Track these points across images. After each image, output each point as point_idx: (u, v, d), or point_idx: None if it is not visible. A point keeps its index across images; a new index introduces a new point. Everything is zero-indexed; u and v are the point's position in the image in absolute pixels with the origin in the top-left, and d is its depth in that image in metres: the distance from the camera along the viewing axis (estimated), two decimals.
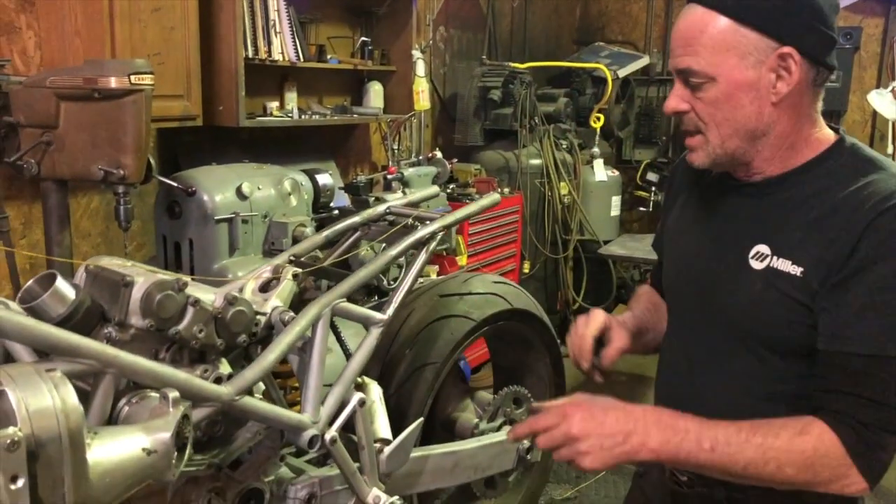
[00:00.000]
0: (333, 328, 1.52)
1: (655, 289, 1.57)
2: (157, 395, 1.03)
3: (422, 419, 1.47)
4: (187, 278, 1.35)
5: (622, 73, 5.62)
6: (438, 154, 4.45)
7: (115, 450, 0.95)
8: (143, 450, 0.96)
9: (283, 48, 3.53)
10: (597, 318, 1.43)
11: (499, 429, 1.75)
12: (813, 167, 1.24)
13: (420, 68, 4.26)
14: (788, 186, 1.24)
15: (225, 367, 1.24)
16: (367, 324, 1.43)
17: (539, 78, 5.55)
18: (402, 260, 3.36)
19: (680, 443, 1.13)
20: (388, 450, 1.40)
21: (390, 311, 1.44)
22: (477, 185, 4.64)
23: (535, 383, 1.90)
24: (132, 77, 2.28)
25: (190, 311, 1.16)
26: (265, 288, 1.41)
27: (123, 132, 2.34)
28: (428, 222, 1.56)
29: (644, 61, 5.99)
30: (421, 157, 4.19)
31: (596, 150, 5.29)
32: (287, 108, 3.71)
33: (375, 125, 4.51)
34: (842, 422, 1.12)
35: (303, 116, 3.67)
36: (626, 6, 6.47)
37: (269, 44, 3.45)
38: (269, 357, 1.21)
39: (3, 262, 2.72)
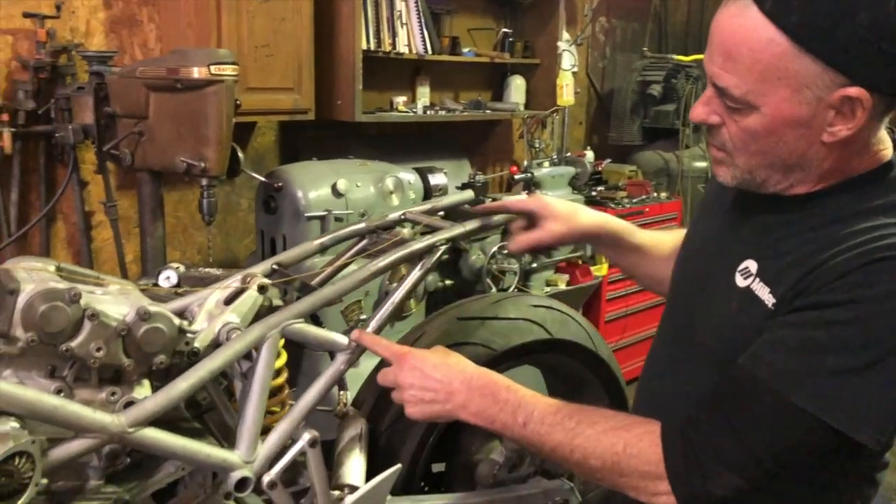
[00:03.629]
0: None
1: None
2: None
3: (398, 466, 1.24)
4: (131, 285, 1.22)
5: None
6: (588, 153, 4.14)
7: None
8: None
9: (410, 40, 3.39)
10: (525, 201, 1.41)
11: (525, 480, 1.47)
12: (840, 191, 1.03)
13: (566, 61, 3.96)
14: (805, 208, 1.05)
15: (143, 391, 1.09)
16: (331, 350, 1.23)
17: None
18: (516, 266, 3.13)
19: (497, 413, 1.12)
20: (349, 499, 1.19)
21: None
22: (629, 188, 4.26)
23: None
24: (212, 67, 2.22)
25: (87, 325, 1.01)
26: (232, 300, 1.25)
27: (205, 124, 2.29)
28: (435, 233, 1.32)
29: None
30: (557, 157, 3.90)
31: None
32: (416, 104, 3.57)
33: (519, 121, 4.26)
34: (679, 431, 1.01)
35: (428, 112, 3.50)
36: None
37: (395, 36, 3.32)
38: (179, 385, 1.04)
39: (114, 248, 2.80)
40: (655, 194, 4.30)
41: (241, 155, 2.46)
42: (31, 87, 2.50)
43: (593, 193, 4.05)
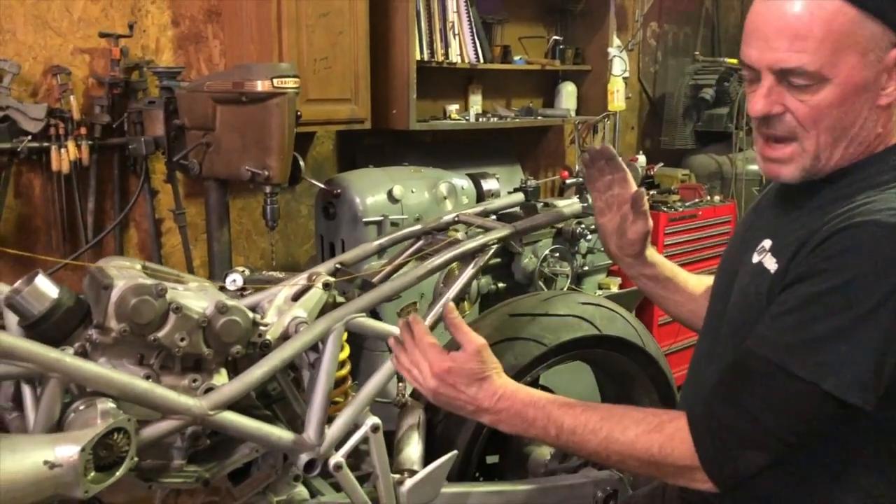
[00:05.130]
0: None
1: None
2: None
3: (455, 452, 1.32)
4: (207, 283, 1.32)
5: None
6: (641, 158, 4.17)
7: (11, 460, 0.93)
8: (46, 462, 0.93)
9: (462, 50, 3.47)
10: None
11: (575, 470, 1.53)
12: (853, 171, 1.09)
13: (617, 67, 4.00)
14: (821, 188, 1.11)
15: (221, 378, 1.19)
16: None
17: None
18: (568, 269, 3.18)
19: (527, 429, 1.17)
20: (409, 482, 1.27)
21: None
22: (681, 191, 4.27)
23: None
24: (275, 80, 2.34)
25: (172, 318, 1.12)
26: (299, 296, 1.34)
27: (268, 134, 2.41)
28: (487, 232, 1.40)
29: None
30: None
31: None
32: (469, 111, 3.65)
33: (571, 127, 4.32)
34: (705, 425, 1.07)
35: (480, 120, 3.59)
36: None
37: (447, 46, 3.41)
38: (255, 373, 1.14)
39: (182, 253, 2.94)
40: (709, 197, 4.30)
41: (301, 163, 2.58)
42: (106, 102, 2.66)
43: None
